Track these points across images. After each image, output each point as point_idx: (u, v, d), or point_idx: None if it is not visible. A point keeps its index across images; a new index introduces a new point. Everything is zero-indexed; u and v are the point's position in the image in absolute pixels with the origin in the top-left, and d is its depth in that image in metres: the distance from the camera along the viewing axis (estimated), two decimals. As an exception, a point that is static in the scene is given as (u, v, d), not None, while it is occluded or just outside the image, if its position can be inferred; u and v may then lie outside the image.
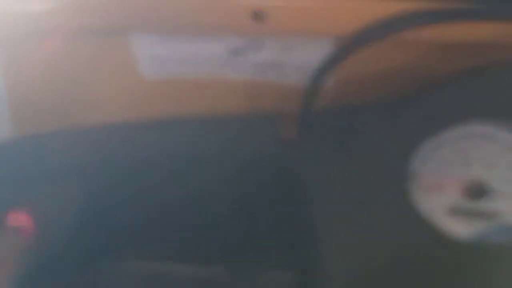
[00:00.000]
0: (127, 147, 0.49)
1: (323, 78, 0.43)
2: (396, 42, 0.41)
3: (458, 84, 0.39)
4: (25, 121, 0.50)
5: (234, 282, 0.46)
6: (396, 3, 0.38)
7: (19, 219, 0.44)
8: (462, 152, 0.41)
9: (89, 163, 0.48)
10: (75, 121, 0.49)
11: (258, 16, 0.39)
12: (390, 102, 0.42)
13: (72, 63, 0.48)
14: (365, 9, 0.39)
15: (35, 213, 0.45)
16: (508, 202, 0.39)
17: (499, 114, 0.40)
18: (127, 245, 0.48)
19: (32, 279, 0.44)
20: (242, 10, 0.40)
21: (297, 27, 0.41)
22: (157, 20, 0.43)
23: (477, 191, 0.40)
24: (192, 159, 0.48)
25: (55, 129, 0.50)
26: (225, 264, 0.46)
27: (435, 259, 0.39)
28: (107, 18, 0.46)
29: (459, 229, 0.40)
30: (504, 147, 0.40)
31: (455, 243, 0.40)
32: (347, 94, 0.47)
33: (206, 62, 0.46)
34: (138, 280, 0.46)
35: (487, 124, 0.40)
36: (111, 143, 0.49)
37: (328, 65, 0.42)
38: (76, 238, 0.45)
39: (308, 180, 0.43)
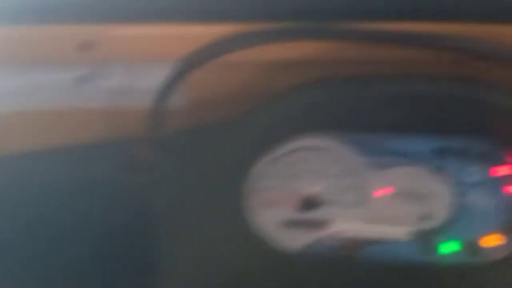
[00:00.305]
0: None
1: (165, 101, 0.44)
2: (232, 63, 0.43)
3: (287, 100, 0.41)
4: None
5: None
6: (229, 27, 0.40)
7: None
8: (294, 166, 0.43)
9: None
10: None
11: (85, 46, 0.40)
12: (229, 121, 0.44)
13: None
14: (192, 33, 0.41)
15: None
16: (338, 211, 0.42)
17: (328, 127, 0.43)
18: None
19: None
20: (69, 42, 0.40)
21: (129, 54, 0.42)
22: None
23: (310, 202, 0.42)
24: (48, 189, 0.48)
25: None
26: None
27: (272, 271, 0.41)
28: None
29: (295, 241, 0.42)
30: (333, 158, 0.43)
31: (290, 255, 0.41)
32: (199, 115, 0.49)
33: (54, 91, 0.46)
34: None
35: (317, 137, 0.43)
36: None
37: (167, 88, 0.43)
38: None
39: (161, 201, 0.44)
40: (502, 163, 0.41)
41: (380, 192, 0.42)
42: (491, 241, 0.40)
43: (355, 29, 0.38)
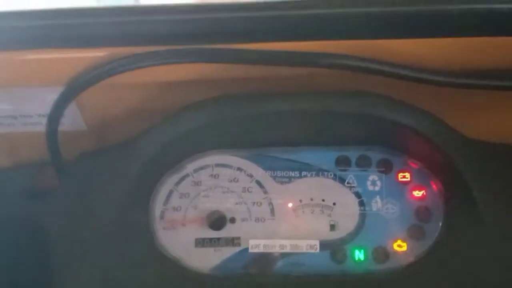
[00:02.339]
0: None
1: (56, 123, 0.41)
2: (123, 86, 0.41)
3: (186, 119, 0.40)
4: None
5: None
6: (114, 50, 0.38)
7: None
8: (200, 184, 0.42)
9: None
10: None
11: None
12: (129, 141, 0.42)
13: None
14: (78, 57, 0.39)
15: None
16: (248, 227, 0.41)
17: (230, 144, 0.42)
18: None
19: None
20: None
21: (15, 79, 0.39)
22: None
23: (219, 220, 0.41)
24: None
25: None
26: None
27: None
28: None
29: (207, 260, 0.41)
30: (238, 175, 0.42)
31: (201, 276, 0.40)
32: (98, 136, 0.47)
33: None
34: None
35: (221, 154, 0.42)
36: None
37: (55, 111, 0.40)
38: None
39: (63, 227, 0.42)
40: (404, 169, 0.42)
41: (287, 206, 0.42)
42: (399, 246, 0.41)
43: (250, 51, 0.37)
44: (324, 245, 0.41)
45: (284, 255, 0.41)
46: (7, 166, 0.48)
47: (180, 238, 0.41)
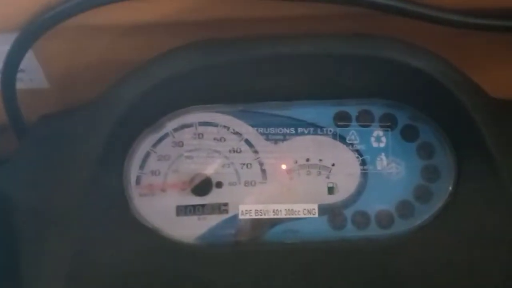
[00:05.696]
0: None
1: (13, 77, 0.36)
2: (89, 30, 0.35)
3: (160, 68, 0.34)
4: None
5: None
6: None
7: None
8: (182, 144, 0.37)
9: None
10: None
11: None
12: (96, 97, 0.36)
13: None
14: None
15: None
16: (236, 192, 0.37)
17: (213, 99, 0.37)
18: None
19: None
20: None
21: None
22: None
23: (203, 184, 0.36)
24: None
25: None
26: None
27: (164, 266, 0.36)
28: None
29: (190, 230, 0.37)
30: (225, 133, 0.37)
31: (184, 246, 0.36)
32: (68, 95, 0.41)
33: None
34: None
35: (203, 110, 0.37)
36: None
37: (10, 63, 0.35)
38: None
39: (27, 198, 0.37)
40: (411, 125, 0.37)
41: (280, 167, 0.37)
42: (404, 210, 0.37)
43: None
44: (322, 209, 0.37)
45: (277, 221, 0.36)
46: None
47: (159, 205, 0.36)
